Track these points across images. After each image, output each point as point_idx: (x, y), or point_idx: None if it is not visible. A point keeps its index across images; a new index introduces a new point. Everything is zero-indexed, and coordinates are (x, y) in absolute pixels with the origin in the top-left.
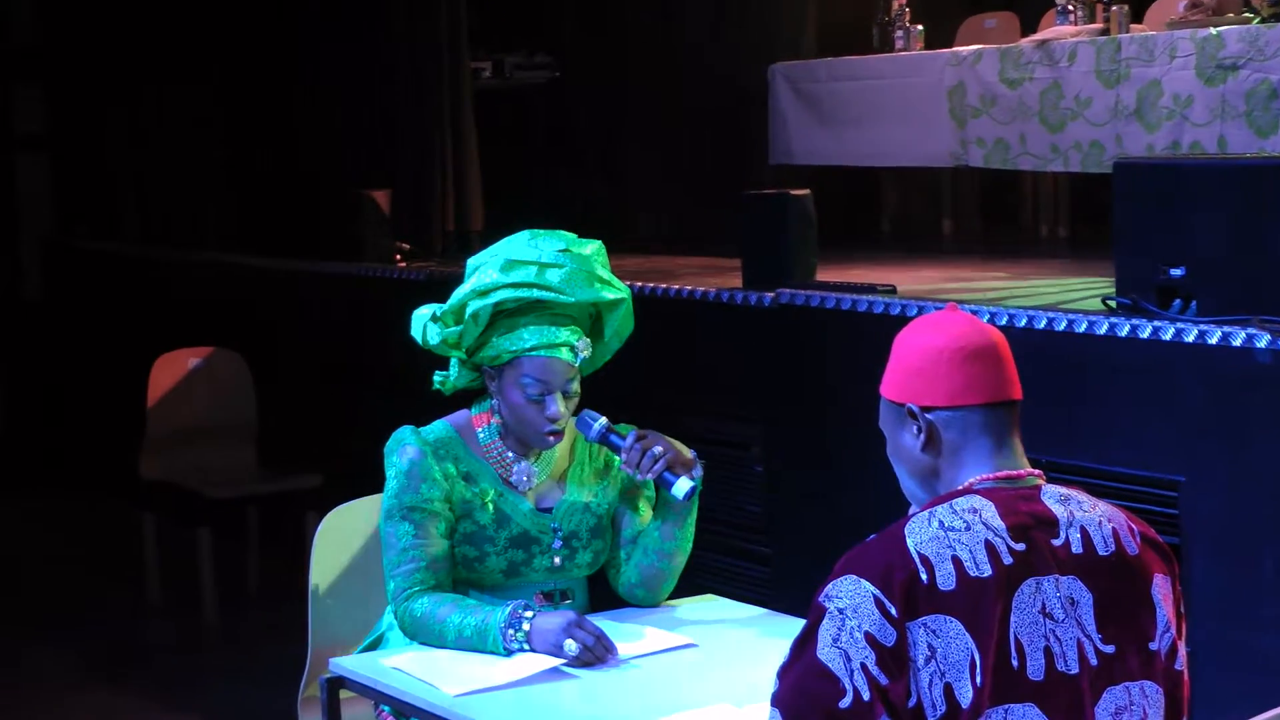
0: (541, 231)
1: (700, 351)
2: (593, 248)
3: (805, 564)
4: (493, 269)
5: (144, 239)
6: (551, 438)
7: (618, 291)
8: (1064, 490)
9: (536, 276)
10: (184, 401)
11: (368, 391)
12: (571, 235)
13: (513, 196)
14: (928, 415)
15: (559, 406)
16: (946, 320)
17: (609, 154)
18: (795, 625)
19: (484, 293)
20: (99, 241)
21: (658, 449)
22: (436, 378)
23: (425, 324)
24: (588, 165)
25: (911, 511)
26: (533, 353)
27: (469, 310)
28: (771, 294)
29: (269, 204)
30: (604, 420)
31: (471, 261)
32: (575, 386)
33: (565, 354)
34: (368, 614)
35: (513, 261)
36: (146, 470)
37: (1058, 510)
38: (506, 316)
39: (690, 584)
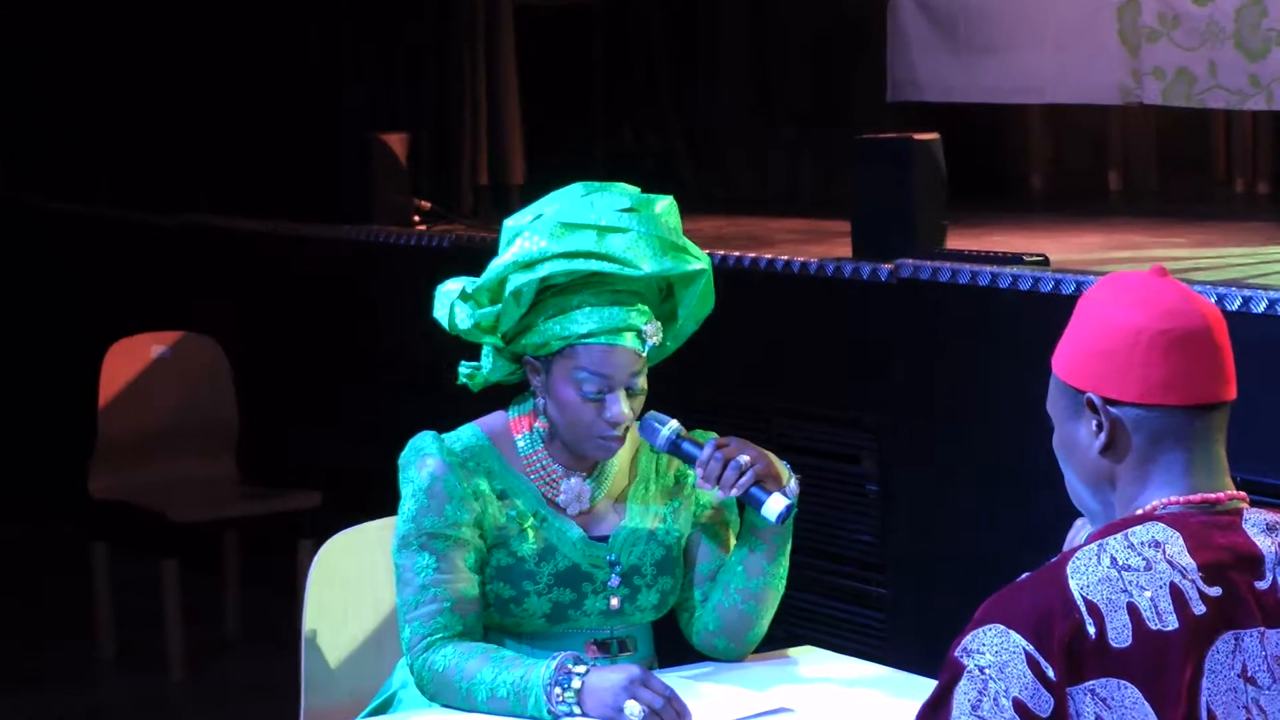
0: (598, 185)
1: (798, 338)
2: (664, 205)
3: (933, 610)
4: (538, 235)
5: (117, 201)
6: (614, 444)
7: (696, 261)
8: (1272, 517)
9: (595, 244)
10: (146, 399)
11: (379, 388)
12: (635, 190)
13: (561, 143)
14: (1113, 410)
15: (622, 406)
16: (1151, 289)
17: (682, 89)
18: (920, 687)
19: (528, 265)
20: (56, 202)
21: (744, 458)
22: (463, 370)
23: (453, 303)
24: (656, 103)
25: (1071, 542)
26: (590, 340)
27: (509, 287)
28: (890, 266)
29: (258, 154)
30: (675, 424)
31: (510, 224)
32: (642, 381)
33: (631, 341)
34: (376, 668)
35: (564, 225)
36: (98, 487)
37: (1263, 544)
38: (556, 294)
39: (785, 633)
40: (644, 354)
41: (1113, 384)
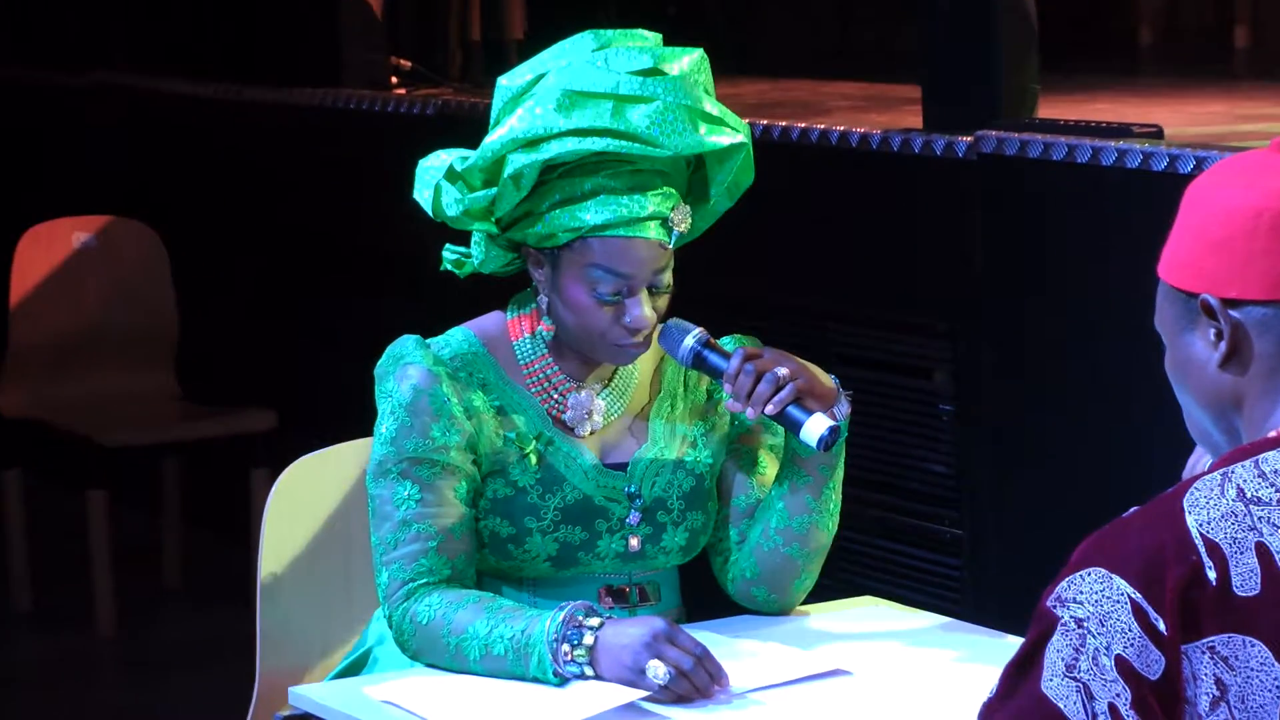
0: (611, 34)
1: (857, 226)
2: (692, 60)
3: (1020, 555)
4: (542, 104)
5: (13, 57)
6: (635, 350)
7: (733, 133)
8: None
9: (611, 119)
10: (66, 298)
11: (349, 286)
12: (656, 40)
13: None
14: (1233, 313)
15: (645, 309)
16: (1268, 166)
17: None
18: (1004, 647)
19: (530, 143)
20: None
21: (781, 371)
22: (448, 255)
23: (438, 183)
24: None
25: (1191, 471)
26: (606, 232)
27: (508, 168)
28: (969, 138)
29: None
30: (699, 332)
31: (505, 84)
32: (667, 277)
33: (655, 231)
34: (347, 621)
35: (573, 94)
36: (8, 403)
37: None
38: (564, 177)
39: (840, 582)
40: (670, 246)
41: (1231, 280)
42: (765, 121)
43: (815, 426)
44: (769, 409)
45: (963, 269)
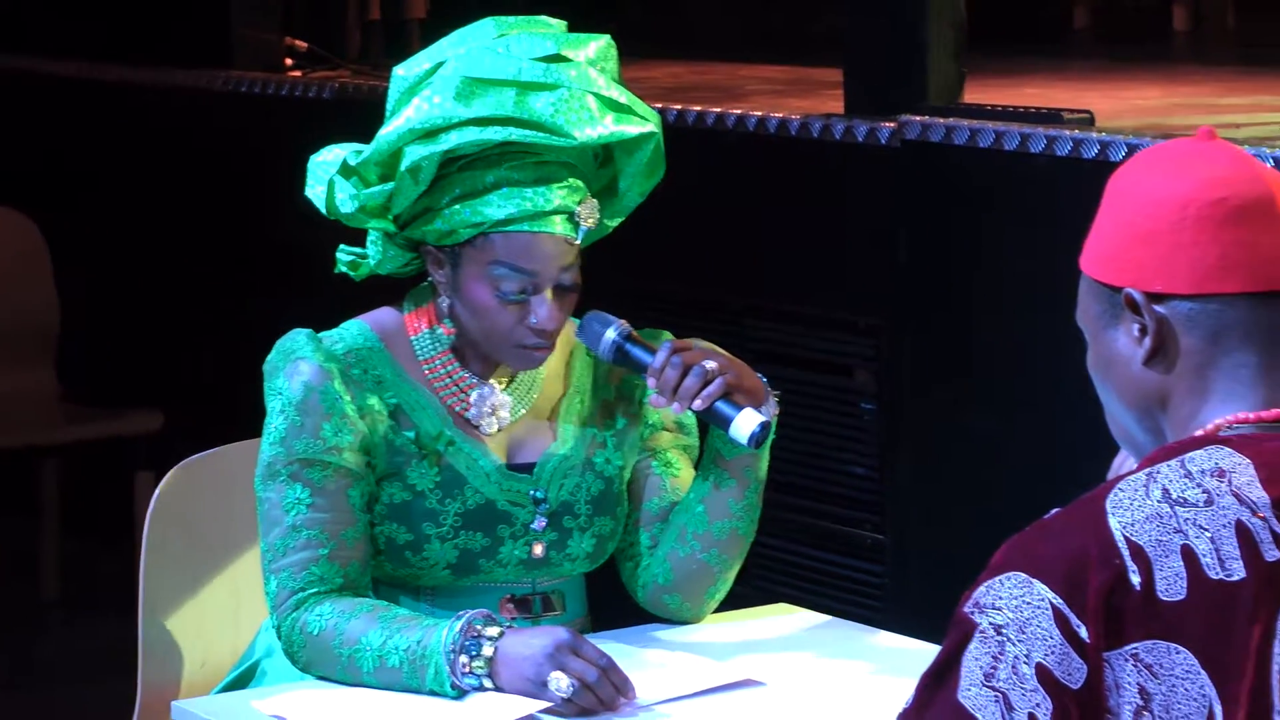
0: (513, 21)
1: (774, 215)
2: (599, 47)
3: (943, 561)
4: (441, 93)
5: None
6: (540, 354)
7: (642, 121)
8: None
9: (514, 107)
10: None
11: (238, 281)
12: (561, 26)
13: None
14: (1158, 308)
15: (551, 308)
16: (1196, 155)
17: None
18: (924, 653)
19: (428, 134)
20: None
21: (709, 364)
22: (342, 257)
23: (332, 179)
24: None
25: (1117, 471)
26: (509, 228)
27: (405, 161)
28: (892, 124)
29: None
30: (621, 324)
31: (401, 74)
32: (575, 275)
33: (561, 227)
34: (234, 632)
35: (473, 81)
36: None
37: None
38: (465, 169)
39: (756, 589)
40: (578, 241)
41: (1157, 274)
42: (680, 106)
43: (745, 422)
44: (697, 404)
45: (885, 261)
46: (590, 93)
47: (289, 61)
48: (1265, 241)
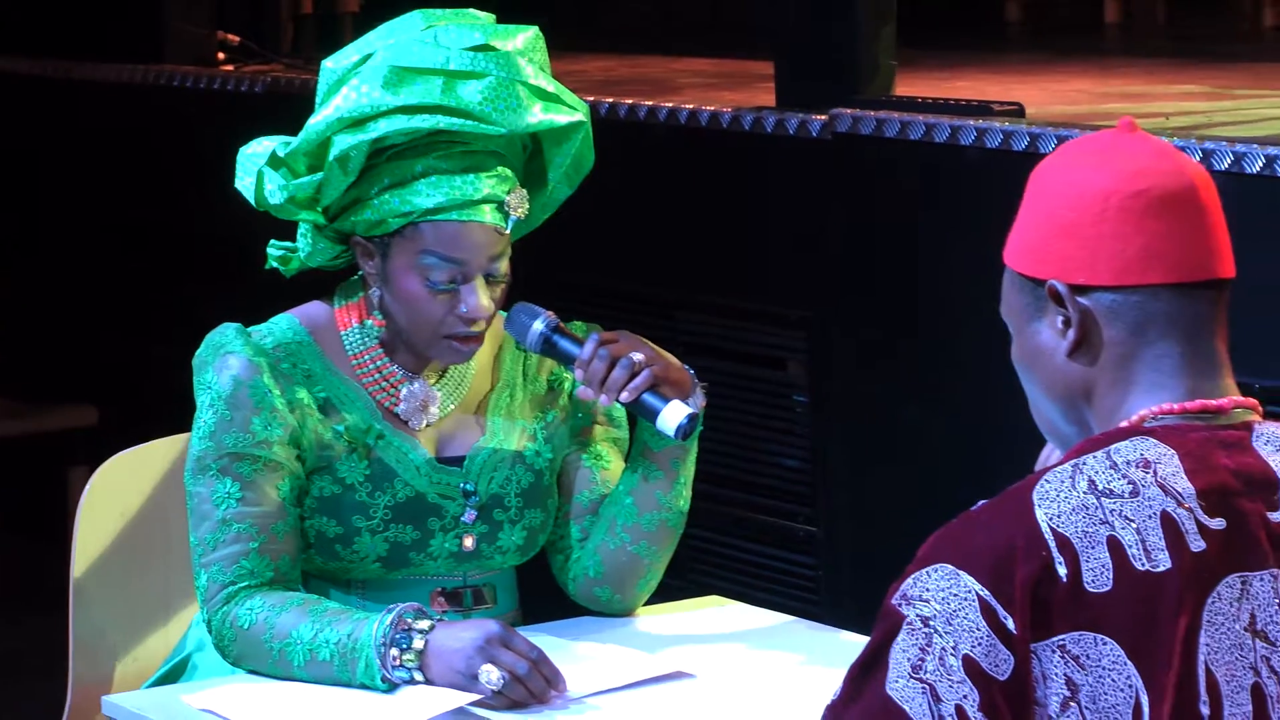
0: (441, 13)
1: (706, 208)
2: (526, 38)
3: (877, 551)
4: (369, 82)
5: None
6: (467, 346)
7: (569, 111)
8: None
9: (441, 95)
10: None
11: (170, 274)
12: (489, 18)
13: None
14: (1081, 300)
15: (481, 298)
16: (1117, 147)
17: None
18: (854, 645)
19: (356, 123)
20: None
21: (636, 356)
22: (273, 252)
23: (261, 170)
24: None
25: (1044, 463)
26: (438, 216)
27: (333, 150)
28: (823, 117)
29: None
30: (548, 316)
31: (330, 67)
32: (504, 265)
33: (490, 215)
34: (164, 627)
35: (401, 70)
36: None
37: (1278, 465)
38: (393, 159)
39: (686, 581)
40: (507, 230)
41: (1079, 266)
42: (611, 100)
43: (673, 414)
44: (624, 396)
45: (817, 253)
46: (519, 81)
47: (221, 56)
48: (1186, 232)
